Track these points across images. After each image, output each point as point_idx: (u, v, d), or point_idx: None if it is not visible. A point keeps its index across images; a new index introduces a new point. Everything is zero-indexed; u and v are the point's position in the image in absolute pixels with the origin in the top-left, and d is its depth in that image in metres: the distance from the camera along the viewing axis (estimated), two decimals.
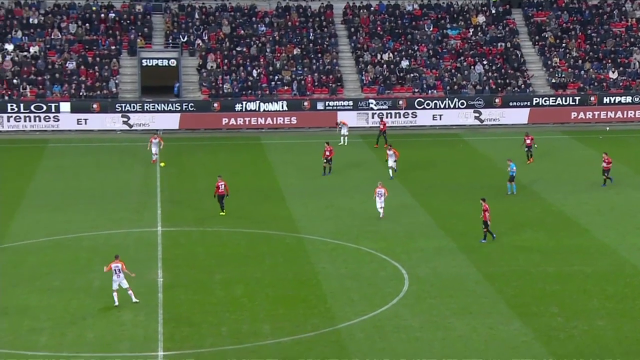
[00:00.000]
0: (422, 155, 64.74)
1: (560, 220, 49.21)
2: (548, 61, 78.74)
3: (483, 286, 39.74)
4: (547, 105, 75.00)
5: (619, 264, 42.50)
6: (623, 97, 75.50)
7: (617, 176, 56.38)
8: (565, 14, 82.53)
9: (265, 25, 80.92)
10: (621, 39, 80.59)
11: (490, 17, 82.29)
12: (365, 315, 36.42)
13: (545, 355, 33.10)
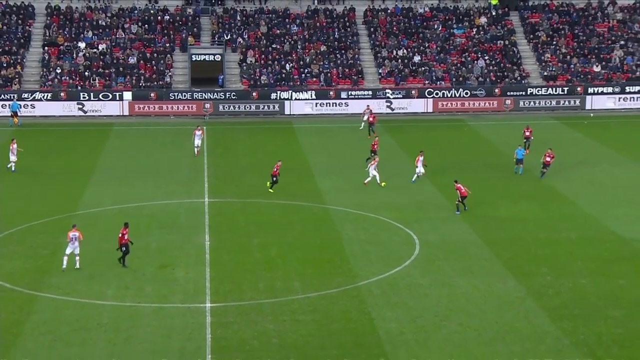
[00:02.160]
0: (431, 138, 64.64)
1: (550, 194, 49.24)
2: (541, 56, 78.48)
3: (483, 250, 39.96)
4: (540, 95, 74.63)
5: (600, 231, 42.65)
6: (605, 88, 75.06)
7: (600, 156, 56.26)
8: (555, 16, 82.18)
9: (296, 25, 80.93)
10: (604, 38, 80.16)
11: (491, 18, 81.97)
12: (382, 275, 36.76)
13: (536, 308, 33.38)
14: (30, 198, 48.46)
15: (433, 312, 32.97)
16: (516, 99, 74.43)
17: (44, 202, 47.67)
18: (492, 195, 47.36)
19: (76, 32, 78.92)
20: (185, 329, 31.48)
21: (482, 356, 29.50)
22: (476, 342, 30.55)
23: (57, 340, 30.55)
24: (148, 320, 32.24)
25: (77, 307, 33.30)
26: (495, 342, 30.56)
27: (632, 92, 74.71)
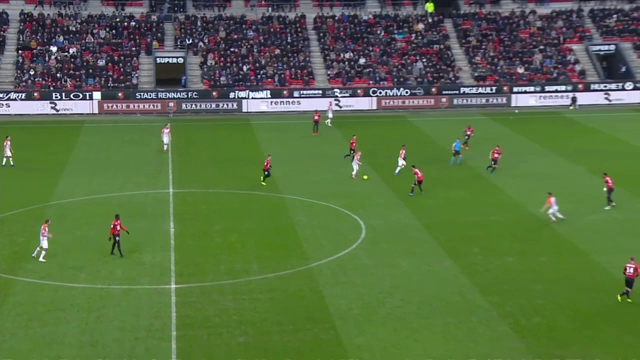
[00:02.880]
0: (376, 132, 64.74)
1: (481, 182, 49.66)
2: (472, 59, 79.10)
3: (422, 233, 40.25)
4: (471, 94, 75.27)
5: (525, 215, 43.14)
6: (528, 87, 75.90)
7: (524, 148, 56.68)
8: (484, 23, 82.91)
9: (252, 30, 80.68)
10: (526, 43, 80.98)
11: (427, 25, 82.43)
12: (332, 257, 36.89)
13: (469, 284, 33.78)
14: (7, 190, 47.77)
15: (378, 290, 33.18)
16: (450, 97, 74.98)
17: (20, 193, 47.07)
18: (430, 184, 47.61)
19: (48, 37, 77.93)
20: (152, 308, 31.39)
21: (421, 328, 29.76)
22: (416, 316, 30.81)
23: (33, 320, 30.32)
24: (118, 301, 32.10)
25: (51, 290, 33.04)
26: (433, 315, 30.86)
27: (551, 91, 75.68)
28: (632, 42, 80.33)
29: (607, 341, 28.83)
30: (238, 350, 28.15)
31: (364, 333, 29.35)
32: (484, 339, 29.01)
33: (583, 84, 76.10)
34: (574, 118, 70.17)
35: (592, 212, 43.44)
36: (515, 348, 28.34)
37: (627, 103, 75.16)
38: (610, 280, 34.13)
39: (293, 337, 29.14)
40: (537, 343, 28.64)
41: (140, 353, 27.93)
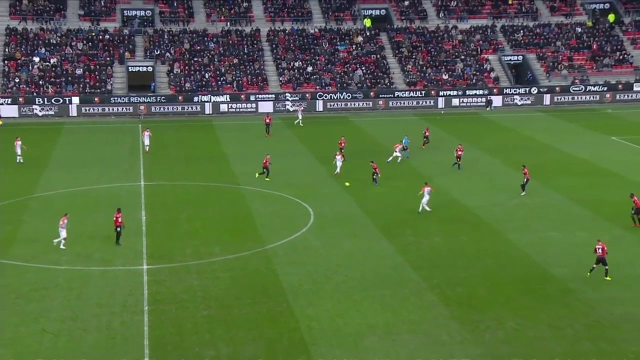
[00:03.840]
0: (322, 131, 64.74)
1: (413, 173, 49.87)
2: (404, 67, 79.52)
3: (363, 218, 40.37)
4: (404, 97, 75.72)
5: (450, 200, 43.55)
6: (451, 91, 76.55)
7: (450, 144, 57.05)
8: (414, 36, 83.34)
9: (213, 42, 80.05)
10: (449, 53, 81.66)
11: (366, 37, 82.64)
12: (284, 240, 36.88)
13: (402, 261, 34.04)
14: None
15: (324, 267, 33.27)
16: (386, 100, 75.28)
17: (7, 187, 46.19)
18: (371, 176, 47.78)
19: (31, 48, 76.46)
20: (126, 286, 31.14)
21: (361, 299, 29.94)
22: (357, 289, 30.97)
23: (20, 298, 29.97)
24: (96, 281, 31.79)
25: (36, 272, 32.60)
26: (372, 288, 31.05)
27: (470, 95, 76.43)
28: (536, 54, 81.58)
29: (517, 307, 29.34)
30: (202, 322, 28.05)
31: (313, 305, 29.42)
32: (414, 307, 29.31)
33: (497, 89, 77.05)
34: (489, 118, 71.02)
35: (506, 198, 44.01)
36: (440, 314, 28.70)
37: (533, 105, 76.25)
38: (521, 255, 34.79)
39: (251, 309, 29.11)
40: (459, 309, 29.02)
41: (116, 326, 27.72)
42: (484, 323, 27.89)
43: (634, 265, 33.66)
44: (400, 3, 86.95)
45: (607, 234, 37.54)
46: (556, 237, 37.16)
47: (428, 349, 26.06)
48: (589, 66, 79.96)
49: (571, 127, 65.57)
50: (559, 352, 25.95)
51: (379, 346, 26.30)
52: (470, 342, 26.59)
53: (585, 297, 30.17)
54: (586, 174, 49.07)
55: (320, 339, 26.77)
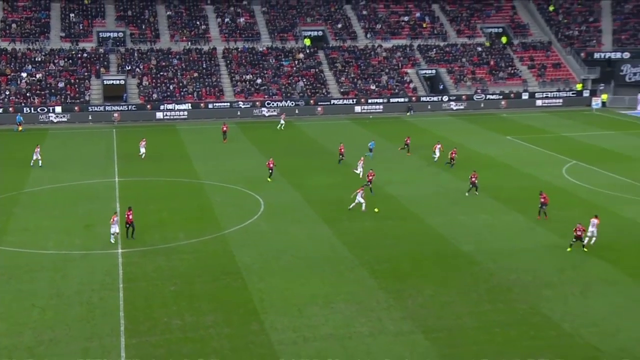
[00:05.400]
0: (271, 135, 64.45)
1: (348, 169, 49.90)
2: (338, 79, 79.61)
3: (306, 208, 40.21)
4: (339, 104, 75.82)
5: (379, 191, 43.58)
6: (378, 99, 76.92)
7: (377, 142, 57.12)
8: (346, 53, 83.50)
9: (176, 59, 78.84)
10: (376, 67, 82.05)
11: (306, 54, 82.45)
12: (239, 226, 36.57)
13: (339, 243, 34.06)
14: None
15: (273, 249, 33.12)
16: (324, 107, 75.23)
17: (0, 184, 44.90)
18: (313, 171, 47.80)
19: (20, 65, 74.10)
20: (104, 267, 30.53)
21: (305, 275, 29.92)
22: (302, 267, 30.94)
23: (13, 278, 29.22)
24: (78, 263, 31.08)
25: (26, 256, 31.72)
26: (314, 265, 31.05)
27: (394, 102, 76.90)
28: (446, 68, 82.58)
29: (433, 277, 29.71)
30: (170, 296, 27.67)
31: (264, 280, 29.27)
32: (349, 280, 29.41)
33: (416, 97, 77.73)
34: (410, 121, 71.56)
35: (424, 188, 44.41)
36: (370, 286, 28.85)
37: (445, 110, 77.19)
38: (436, 235, 35.16)
39: (211, 285, 28.83)
40: (386, 281, 29.23)
41: (95, 301, 27.18)
42: (406, 292, 28.15)
43: (524, 240, 34.39)
44: (335, 25, 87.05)
45: (505, 215, 38.32)
46: (464, 219, 37.70)
47: (360, 315, 26.19)
48: (488, 79, 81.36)
49: (475, 128, 66.59)
50: (465, 312, 26.39)
51: (319, 313, 26.31)
52: (395, 307, 26.81)
53: (486, 267, 30.70)
54: (487, 167, 49.82)
55: (270, 308, 26.65)
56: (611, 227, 35.58)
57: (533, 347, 23.81)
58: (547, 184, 44.62)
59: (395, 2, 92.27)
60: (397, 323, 25.52)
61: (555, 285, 28.70)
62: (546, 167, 49.28)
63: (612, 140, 59.38)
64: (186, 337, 24.49)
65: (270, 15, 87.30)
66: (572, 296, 27.75)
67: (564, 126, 66.41)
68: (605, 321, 25.60)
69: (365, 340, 24.32)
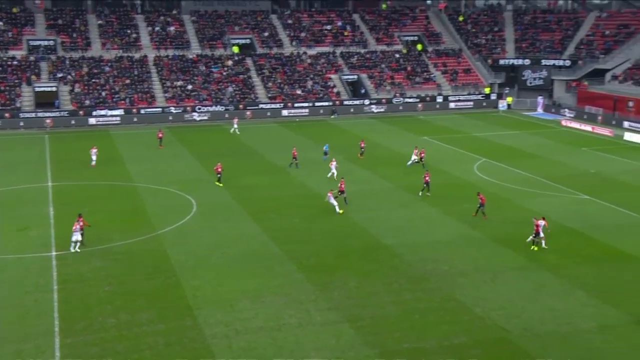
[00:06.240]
0: (203, 137, 63.46)
1: (275, 169, 49.81)
2: (266, 85, 79.28)
3: (236, 206, 39.94)
4: (267, 108, 75.49)
5: (307, 191, 43.62)
6: (303, 103, 76.96)
7: (304, 144, 57.09)
8: (273, 60, 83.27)
9: (108, 67, 76.66)
10: (302, 73, 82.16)
11: (235, 61, 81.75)
12: (173, 226, 35.96)
13: (268, 239, 33.91)
14: None
15: (206, 247, 32.72)
16: (253, 111, 74.73)
17: None
18: (242, 172, 47.39)
19: None
20: (38, 270, 29.43)
21: (236, 271, 29.68)
22: (233, 263, 30.69)
23: None
24: (11, 267, 29.85)
25: None
26: (245, 261, 30.85)
27: (319, 106, 77.16)
28: (367, 74, 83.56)
29: (357, 269, 30.00)
30: (105, 296, 26.88)
31: (197, 277, 28.85)
32: (278, 275, 29.34)
33: (339, 101, 78.30)
34: (334, 124, 71.94)
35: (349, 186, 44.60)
36: (299, 279, 28.87)
37: (366, 113, 78.12)
38: (360, 230, 35.49)
39: (146, 283, 28.19)
40: (314, 274, 29.31)
41: (29, 303, 26.15)
42: (332, 284, 28.30)
43: (440, 232, 35.18)
44: (262, 34, 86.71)
45: (423, 209, 39.09)
46: (385, 214, 38.23)
47: (289, 307, 26.15)
48: (405, 83, 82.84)
49: (394, 129, 67.62)
50: (388, 301, 26.77)
51: (250, 307, 26.13)
52: (322, 299, 26.92)
53: (407, 259, 31.23)
54: (405, 165, 50.69)
55: (203, 304, 26.28)
56: (517, 219, 36.86)
57: (449, 330, 24.40)
58: (460, 179, 45.82)
59: (319, 12, 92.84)
60: (324, 314, 25.63)
61: (469, 274, 29.49)
62: (459, 165, 50.57)
63: (516, 139, 61.53)
64: (121, 334, 23.85)
65: (200, 24, 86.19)
66: (484, 283, 28.59)
67: (475, 127, 68.33)
68: (511, 304, 26.50)
69: (294, 331, 24.31)
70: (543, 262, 30.73)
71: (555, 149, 57.12)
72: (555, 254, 31.65)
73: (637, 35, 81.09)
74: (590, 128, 66.16)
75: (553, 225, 34.73)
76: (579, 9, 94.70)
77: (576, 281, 28.58)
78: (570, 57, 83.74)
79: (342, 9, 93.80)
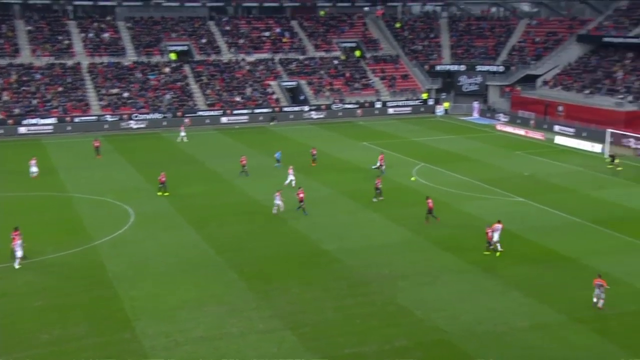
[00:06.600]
0: (139, 145, 62.45)
1: (215, 177, 49.50)
2: (204, 92, 78.67)
3: (176, 215, 39.58)
4: (205, 115, 74.97)
5: (246, 198, 43.54)
6: (243, 110, 76.85)
7: (244, 151, 56.74)
8: (211, 67, 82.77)
9: (39, 74, 74.54)
10: (240, 80, 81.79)
11: (172, 68, 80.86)
12: (110, 236, 35.40)
13: (208, 247, 33.69)
14: None
15: (144, 256, 32.34)
16: (192, 118, 74.01)
17: None
18: (181, 180, 46.86)
19: None
20: None
21: (177, 280, 29.42)
22: (173, 273, 30.42)
23: None
24: None
25: None
26: (185, 271, 30.65)
27: (258, 113, 77.05)
28: (306, 80, 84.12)
29: (298, 276, 30.23)
30: (38, 310, 26.27)
31: (135, 288, 28.49)
32: (219, 283, 29.28)
33: (279, 107, 78.50)
34: (273, 130, 72.06)
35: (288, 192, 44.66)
36: (240, 287, 28.90)
37: (306, 119, 78.59)
38: (301, 237, 35.66)
39: (83, 296, 27.68)
40: (255, 282, 29.39)
41: None
42: (273, 291, 28.44)
43: (380, 236, 35.80)
44: (199, 41, 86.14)
45: (363, 214, 39.64)
46: (326, 220, 38.56)
47: (231, 316, 26.15)
48: (344, 89, 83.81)
49: (334, 135, 68.21)
50: (329, 307, 27.10)
51: (191, 317, 26.00)
52: (263, 306, 27.02)
53: (347, 264, 31.66)
54: (346, 171, 51.28)
55: (142, 315, 25.99)
56: (454, 222, 37.91)
57: (390, 334, 24.90)
58: (400, 185, 46.71)
59: (257, 18, 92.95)
60: (265, 321, 25.74)
61: (409, 277, 30.14)
62: (398, 169, 51.49)
63: (453, 143, 63.16)
64: (55, 350, 23.31)
65: (135, 31, 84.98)
66: (424, 286, 29.29)
67: (413, 132, 69.71)
68: (451, 306, 27.27)
69: (235, 340, 24.33)
70: (481, 263, 31.71)
71: (490, 152, 58.94)
72: (492, 256, 32.71)
73: (564, 43, 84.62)
74: (524, 132, 68.56)
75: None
76: (510, 17, 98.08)
77: (512, 281, 29.63)
78: (504, 63, 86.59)
79: (280, 16, 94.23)
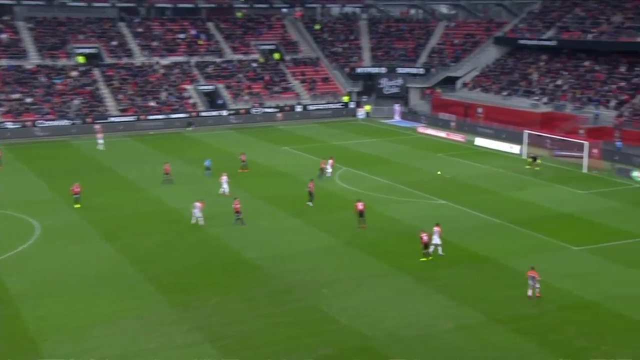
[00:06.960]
0: (45, 153, 59.75)
1: (133, 186, 47.82)
2: (116, 97, 76.31)
3: (86, 227, 37.98)
4: (117, 122, 72.63)
5: (165, 207, 42.07)
6: (159, 115, 74.90)
7: (157, 158, 55.14)
8: (123, 70, 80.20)
9: None
10: (155, 84, 79.83)
11: (80, 72, 77.95)
12: (11, 252, 33.62)
13: (123, 260, 32.53)
14: None
15: (52, 272, 30.85)
16: (103, 124, 71.43)
17: None
18: (92, 190, 44.93)
19: None
20: None
21: (88, 296, 28.09)
22: (84, 288, 29.16)
23: None
24: None
25: None
26: (97, 285, 29.40)
27: (174, 118, 75.24)
28: (224, 84, 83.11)
29: (218, 286, 29.61)
30: None
31: (41, 306, 27.02)
32: (135, 297, 28.27)
33: (196, 112, 77.11)
34: (190, 136, 70.64)
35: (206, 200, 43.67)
36: (157, 300, 28.00)
37: (224, 124, 77.51)
38: (221, 245, 35.00)
39: None
40: (173, 294, 28.55)
41: None
42: (192, 303, 27.67)
43: (303, 243, 35.58)
44: (110, 43, 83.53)
45: (285, 221, 39.32)
46: (247, 228, 37.97)
47: (148, 331, 25.21)
48: (264, 93, 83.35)
49: (253, 140, 67.66)
50: (251, 316, 26.60)
51: (105, 333, 24.88)
52: (182, 320, 26.22)
53: (270, 272, 31.23)
54: (266, 176, 50.80)
55: (49, 335, 24.63)
56: (377, 226, 38.15)
57: (315, 342, 24.64)
58: (322, 189, 46.63)
59: (171, 20, 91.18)
60: (185, 335, 24.93)
61: (333, 283, 30.01)
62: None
63: (375, 146, 63.86)
64: None
65: (38, 32, 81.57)
66: (348, 291, 29.23)
67: (334, 135, 70.04)
68: (375, 311, 27.31)
69: (153, 356, 23.42)
70: (404, 267, 31.97)
71: (412, 155, 59.93)
72: (414, 259, 33.04)
73: (482, 45, 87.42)
74: (445, 134, 70.18)
75: (411, 231, 36.28)
76: (429, 19, 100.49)
77: (436, 284, 30.01)
78: (424, 65, 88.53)
79: (195, 17, 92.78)
